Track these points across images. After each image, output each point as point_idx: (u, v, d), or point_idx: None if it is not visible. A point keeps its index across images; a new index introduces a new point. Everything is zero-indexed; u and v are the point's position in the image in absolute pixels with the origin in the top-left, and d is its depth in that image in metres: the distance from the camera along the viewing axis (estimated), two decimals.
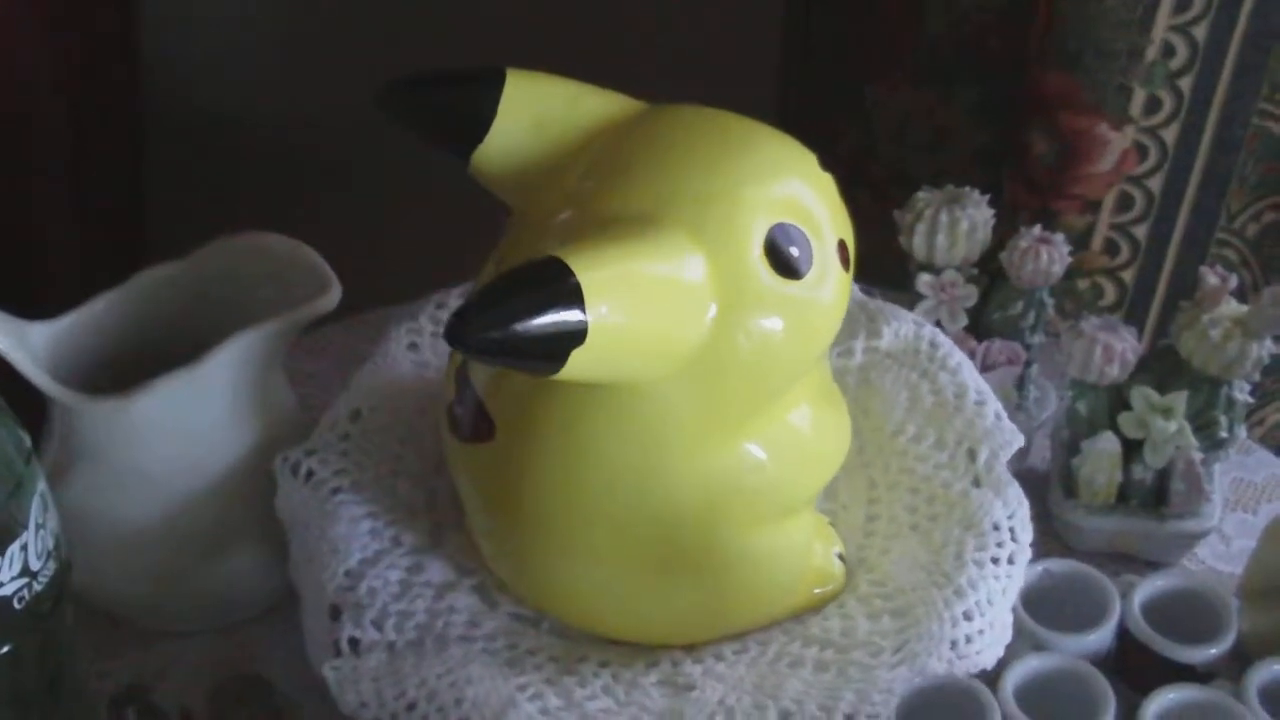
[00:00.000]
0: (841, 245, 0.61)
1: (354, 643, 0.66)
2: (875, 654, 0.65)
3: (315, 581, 0.68)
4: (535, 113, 0.61)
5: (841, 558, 0.69)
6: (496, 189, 0.63)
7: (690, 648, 0.66)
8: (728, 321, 0.58)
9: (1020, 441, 0.72)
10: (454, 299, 0.78)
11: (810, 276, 0.59)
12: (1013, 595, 0.68)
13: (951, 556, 0.68)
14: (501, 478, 0.63)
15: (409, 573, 0.68)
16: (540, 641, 0.67)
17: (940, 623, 0.65)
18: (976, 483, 0.71)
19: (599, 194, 0.60)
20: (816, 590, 0.68)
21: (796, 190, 0.60)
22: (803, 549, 0.66)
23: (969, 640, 0.65)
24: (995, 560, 0.68)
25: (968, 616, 0.66)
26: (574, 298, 0.53)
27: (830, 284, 0.60)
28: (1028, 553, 0.69)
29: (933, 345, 0.76)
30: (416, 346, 0.76)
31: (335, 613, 0.67)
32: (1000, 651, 0.67)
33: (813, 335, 0.61)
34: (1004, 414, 0.73)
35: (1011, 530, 0.69)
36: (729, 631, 0.67)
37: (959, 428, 0.72)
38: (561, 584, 0.65)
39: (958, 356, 0.75)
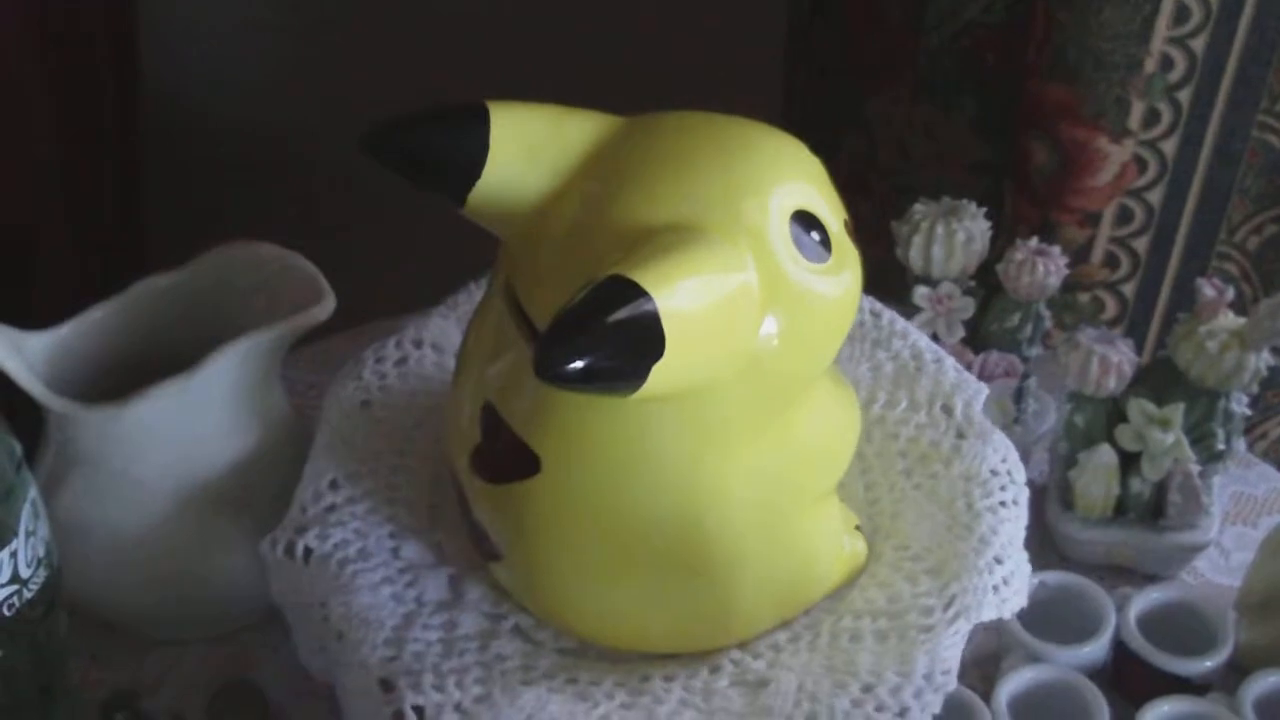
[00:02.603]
0: (846, 225, 0.62)
1: (419, 710, 0.64)
2: (928, 614, 0.65)
3: (353, 660, 0.66)
4: (525, 144, 0.60)
5: (859, 529, 0.69)
6: (492, 224, 0.62)
7: (742, 645, 0.66)
8: (774, 315, 0.58)
9: (985, 391, 0.73)
10: (391, 349, 0.76)
11: (833, 259, 0.60)
12: (1023, 534, 0.69)
13: (963, 509, 0.69)
14: (550, 509, 0.62)
15: (445, 630, 0.67)
16: (597, 670, 0.66)
17: (978, 573, 0.66)
18: (960, 434, 0.72)
19: (619, 207, 0.59)
20: (850, 567, 0.68)
21: (802, 179, 0.61)
22: (839, 529, 0.67)
23: (1006, 583, 0.66)
24: (1004, 504, 0.69)
25: (999, 560, 0.67)
26: (652, 316, 0.53)
27: (850, 263, 0.61)
28: (1026, 491, 0.70)
29: (874, 314, 0.77)
30: (369, 404, 0.74)
31: (385, 685, 0.65)
32: (1028, 591, 0.68)
33: (844, 314, 0.62)
34: (962, 368, 0.74)
35: (1009, 472, 0.70)
36: (779, 622, 0.67)
37: (927, 387, 0.73)
38: (614, 606, 0.65)
39: (901, 321, 0.76)
